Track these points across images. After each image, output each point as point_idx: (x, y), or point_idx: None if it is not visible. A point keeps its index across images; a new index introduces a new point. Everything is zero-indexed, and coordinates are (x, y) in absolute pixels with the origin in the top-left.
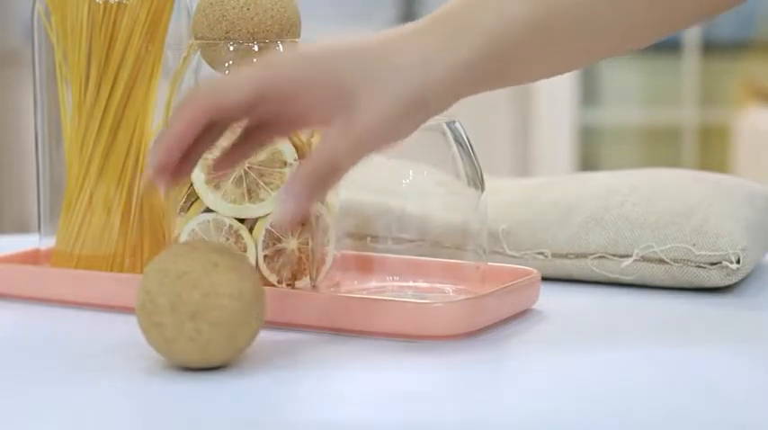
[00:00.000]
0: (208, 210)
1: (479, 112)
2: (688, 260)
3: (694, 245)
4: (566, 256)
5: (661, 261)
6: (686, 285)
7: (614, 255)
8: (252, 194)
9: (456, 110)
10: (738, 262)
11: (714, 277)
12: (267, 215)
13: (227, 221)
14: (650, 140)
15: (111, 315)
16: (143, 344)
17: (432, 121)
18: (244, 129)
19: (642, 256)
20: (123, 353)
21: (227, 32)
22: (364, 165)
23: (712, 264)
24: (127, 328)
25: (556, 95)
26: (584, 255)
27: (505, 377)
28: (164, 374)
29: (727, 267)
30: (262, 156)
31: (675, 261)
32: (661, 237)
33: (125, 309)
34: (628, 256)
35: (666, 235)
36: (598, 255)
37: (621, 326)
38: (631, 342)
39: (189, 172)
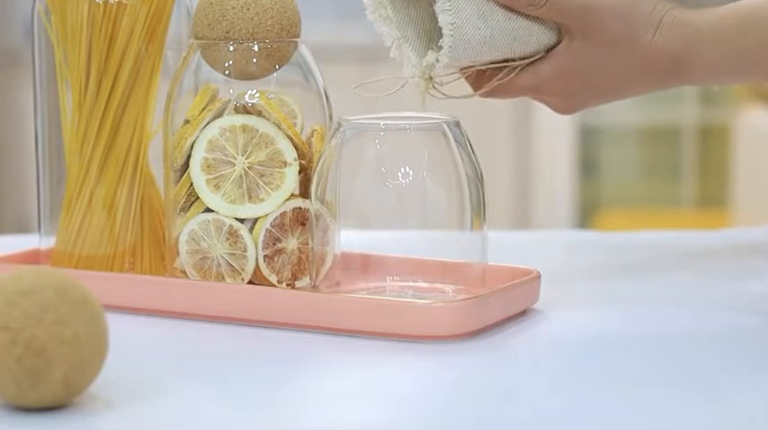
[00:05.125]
0: (208, 210)
1: (480, 113)
2: None
3: None
4: None
5: None
6: None
7: None
8: (252, 194)
9: (456, 110)
10: None
11: None
12: (267, 215)
13: (227, 221)
14: (650, 140)
15: (112, 315)
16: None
17: (432, 122)
18: None
19: None
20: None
21: (227, 32)
22: None
23: None
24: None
25: None
26: None
27: (505, 377)
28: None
29: None
30: (261, 156)
31: None
32: None
33: (125, 310)
34: None
35: None
36: None
37: (622, 326)
38: (632, 341)
39: None
